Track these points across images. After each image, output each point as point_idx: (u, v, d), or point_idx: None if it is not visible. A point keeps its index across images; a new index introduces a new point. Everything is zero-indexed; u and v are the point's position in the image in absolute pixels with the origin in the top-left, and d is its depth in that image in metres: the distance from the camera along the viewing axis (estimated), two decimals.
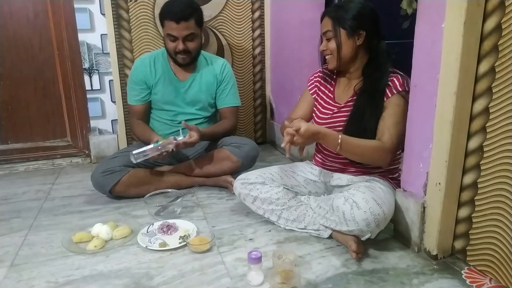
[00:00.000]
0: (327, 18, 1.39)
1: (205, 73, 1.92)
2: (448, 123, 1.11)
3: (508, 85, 1.02)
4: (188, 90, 1.90)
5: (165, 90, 1.89)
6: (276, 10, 2.41)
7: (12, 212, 1.66)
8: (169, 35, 1.75)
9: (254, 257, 1.11)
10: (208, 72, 1.92)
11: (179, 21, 1.70)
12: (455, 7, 1.05)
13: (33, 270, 1.22)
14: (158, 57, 1.91)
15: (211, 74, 1.92)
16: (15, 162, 2.26)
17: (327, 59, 1.44)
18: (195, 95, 1.90)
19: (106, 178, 1.70)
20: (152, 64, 1.89)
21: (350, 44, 1.37)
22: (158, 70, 1.89)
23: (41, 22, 2.16)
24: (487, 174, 1.11)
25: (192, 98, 1.90)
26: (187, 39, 1.75)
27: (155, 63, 1.89)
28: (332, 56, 1.40)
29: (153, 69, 1.89)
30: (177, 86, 1.89)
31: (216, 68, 1.93)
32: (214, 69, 1.93)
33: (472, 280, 1.14)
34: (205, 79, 1.91)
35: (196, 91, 1.90)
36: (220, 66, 1.94)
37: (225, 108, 1.96)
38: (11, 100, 2.21)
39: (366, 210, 1.19)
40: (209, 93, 1.93)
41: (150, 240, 1.37)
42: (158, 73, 1.89)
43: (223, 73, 1.94)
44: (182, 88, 1.89)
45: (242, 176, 1.52)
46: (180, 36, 1.73)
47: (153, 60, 1.90)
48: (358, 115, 1.36)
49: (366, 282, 1.14)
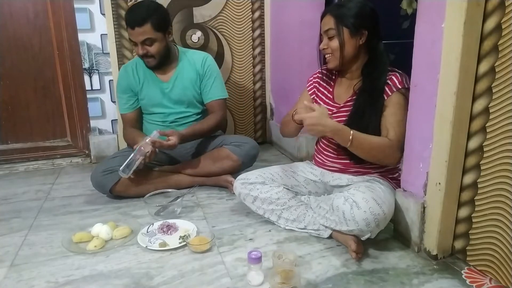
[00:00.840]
0: (329, 16, 1.37)
1: (187, 70, 1.90)
2: (448, 123, 1.11)
3: (508, 85, 1.02)
4: (172, 89, 1.88)
5: (151, 93, 1.88)
6: (276, 10, 2.41)
7: (12, 212, 1.66)
8: (130, 40, 1.77)
9: (254, 257, 1.11)
10: (190, 68, 1.90)
11: (134, 27, 1.69)
12: (455, 7, 1.05)
13: (33, 270, 1.22)
14: (140, 62, 1.88)
15: (192, 70, 1.90)
16: (15, 162, 2.26)
17: (327, 58, 1.43)
18: (180, 94, 1.89)
19: (106, 177, 1.70)
20: (134, 71, 1.89)
21: (352, 43, 1.36)
22: (140, 75, 1.88)
23: (41, 22, 2.16)
24: (487, 174, 1.11)
25: (178, 97, 1.89)
26: (145, 43, 1.73)
27: (137, 69, 1.89)
28: (333, 56, 1.39)
29: (136, 75, 1.88)
30: (161, 88, 1.88)
31: (197, 62, 1.91)
32: (195, 64, 1.90)
33: (472, 280, 1.14)
34: (187, 76, 1.89)
35: (180, 89, 1.88)
36: (201, 60, 1.91)
37: (211, 102, 1.92)
38: (11, 100, 2.21)
39: (366, 210, 1.19)
40: (194, 89, 1.90)
41: (150, 240, 1.37)
42: (141, 78, 1.88)
43: (205, 66, 1.90)
44: (166, 88, 1.88)
45: (242, 176, 1.52)
46: (137, 41, 1.72)
47: (134, 66, 1.90)
48: (358, 115, 1.36)
49: (366, 282, 1.14)
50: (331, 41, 1.38)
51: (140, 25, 1.69)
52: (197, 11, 2.35)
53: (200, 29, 2.38)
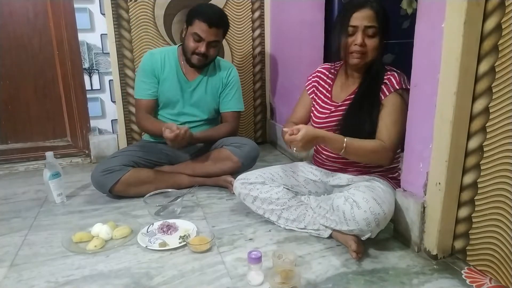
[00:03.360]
0: (373, 12, 1.28)
1: (212, 77, 1.93)
2: (448, 123, 1.11)
3: (508, 85, 1.02)
4: (194, 90, 1.91)
5: (172, 88, 1.89)
6: (276, 10, 2.41)
7: (12, 212, 1.66)
8: (195, 34, 1.75)
9: (254, 257, 1.11)
10: (215, 75, 1.94)
11: (212, 26, 1.73)
12: (455, 7, 1.05)
13: (33, 270, 1.22)
14: (169, 54, 1.91)
15: (217, 78, 1.94)
16: (15, 162, 2.26)
17: (356, 55, 1.32)
18: (200, 97, 1.91)
19: (106, 177, 1.70)
20: (163, 60, 1.89)
21: (382, 44, 1.33)
22: (167, 66, 1.89)
23: (41, 22, 2.16)
24: (487, 174, 1.11)
25: (196, 99, 1.91)
26: (211, 45, 1.77)
27: (165, 59, 1.89)
28: (365, 55, 1.32)
29: (163, 64, 1.89)
30: (184, 86, 1.90)
31: (223, 72, 1.95)
32: (220, 73, 1.95)
33: (472, 280, 1.14)
34: (211, 82, 1.93)
35: (201, 93, 1.91)
36: (227, 70, 1.96)
37: (227, 112, 1.97)
38: (11, 100, 2.21)
39: (366, 210, 1.19)
40: (213, 97, 1.94)
41: (150, 240, 1.37)
42: (167, 70, 1.88)
43: (229, 77, 1.95)
44: (188, 88, 1.90)
45: (242, 176, 1.52)
46: (207, 39, 1.75)
47: (163, 56, 1.90)
48: (354, 112, 1.37)
49: (366, 282, 1.14)
50: (370, 39, 1.30)
51: (218, 27, 1.75)
52: None
53: None
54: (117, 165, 1.71)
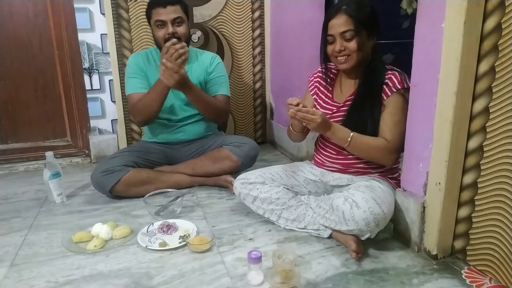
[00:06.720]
0: (346, 16, 1.30)
1: (196, 68, 1.91)
2: (448, 122, 1.11)
3: (508, 85, 1.02)
4: None
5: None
6: (276, 10, 2.41)
7: (12, 212, 1.66)
8: (157, 21, 1.75)
9: (254, 257, 1.11)
10: (198, 66, 1.92)
11: (166, 5, 1.73)
12: (455, 7, 1.05)
13: (33, 270, 1.22)
14: (152, 52, 1.92)
15: (201, 68, 1.92)
16: (15, 162, 2.26)
17: (341, 60, 1.36)
18: None
19: (106, 177, 1.70)
20: (147, 57, 1.90)
21: (369, 44, 1.35)
22: (152, 63, 1.89)
23: (41, 22, 2.16)
24: (487, 174, 1.11)
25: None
26: (175, 22, 1.75)
27: (148, 59, 1.90)
28: (350, 57, 1.34)
29: (149, 61, 1.89)
30: None
31: (206, 61, 1.93)
32: (204, 63, 1.93)
33: (472, 280, 1.14)
34: (195, 73, 1.90)
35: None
36: (210, 59, 1.94)
37: (216, 95, 1.90)
38: (11, 100, 2.21)
39: (365, 210, 1.19)
40: (200, 87, 1.88)
41: (150, 240, 1.37)
42: (152, 67, 1.88)
43: (213, 64, 1.93)
44: None
45: (242, 176, 1.52)
46: (168, 19, 1.74)
47: (145, 56, 1.90)
48: (356, 112, 1.37)
49: (366, 282, 1.14)
50: (349, 42, 1.32)
51: (172, 4, 1.74)
52: (197, 11, 2.35)
53: (200, 29, 2.38)
54: (117, 165, 1.71)
